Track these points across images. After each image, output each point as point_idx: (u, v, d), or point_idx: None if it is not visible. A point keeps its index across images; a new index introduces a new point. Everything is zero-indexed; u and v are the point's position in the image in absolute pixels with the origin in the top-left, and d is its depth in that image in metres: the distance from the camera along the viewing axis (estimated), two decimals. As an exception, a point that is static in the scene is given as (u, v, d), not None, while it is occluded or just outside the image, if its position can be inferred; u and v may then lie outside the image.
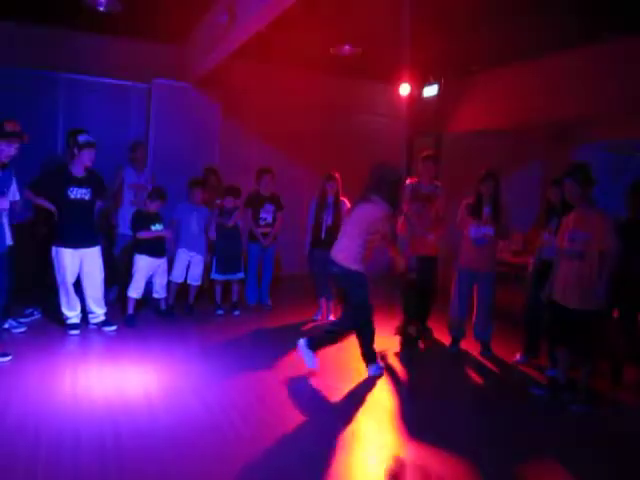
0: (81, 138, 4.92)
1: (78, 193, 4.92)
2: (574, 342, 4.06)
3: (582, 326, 3.97)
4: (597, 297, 3.89)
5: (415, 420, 3.76)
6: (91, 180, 5.03)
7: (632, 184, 4.62)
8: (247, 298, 6.38)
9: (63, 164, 5.10)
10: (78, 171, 4.95)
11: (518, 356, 5.09)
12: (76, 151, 4.92)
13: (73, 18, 6.37)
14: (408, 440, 3.43)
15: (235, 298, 6.17)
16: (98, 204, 5.22)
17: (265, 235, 6.22)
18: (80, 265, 5.03)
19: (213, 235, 5.99)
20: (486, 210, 5.04)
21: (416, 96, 8.35)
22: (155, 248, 5.55)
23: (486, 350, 5.26)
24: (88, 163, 4.96)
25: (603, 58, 5.95)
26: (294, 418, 3.65)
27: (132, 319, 5.47)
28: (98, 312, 5.23)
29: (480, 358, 5.18)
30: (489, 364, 5.06)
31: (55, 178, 4.93)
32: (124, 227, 5.97)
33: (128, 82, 7.21)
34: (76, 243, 4.96)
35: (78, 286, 5.11)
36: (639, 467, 3.34)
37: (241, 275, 6.13)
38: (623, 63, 5.73)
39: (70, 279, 4.98)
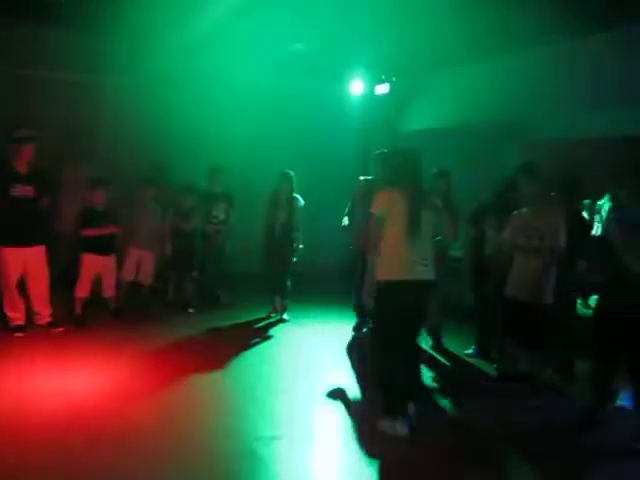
0: (18, 133, 4.78)
1: (22, 190, 4.75)
2: (527, 335, 4.16)
3: (534, 320, 4.07)
4: (547, 292, 4.03)
5: (370, 414, 3.81)
6: (36, 177, 4.87)
7: (561, 182, 4.75)
8: (201, 296, 6.31)
9: (4, 160, 4.90)
10: (21, 167, 4.78)
11: (470, 350, 5.22)
12: (15, 147, 4.77)
13: (18, 8, 6.11)
14: (362, 437, 3.48)
15: (188, 296, 6.09)
16: (44, 201, 5.05)
17: (217, 233, 6.16)
18: (24, 265, 4.86)
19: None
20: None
21: (368, 94, 8.44)
22: (102, 246, 5.40)
23: (437, 344, 5.37)
24: (29, 158, 4.80)
25: (550, 59, 6.15)
26: (249, 419, 3.63)
27: (80, 319, 5.32)
28: (44, 313, 5.08)
29: (432, 352, 5.28)
30: (441, 358, 5.17)
31: None
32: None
33: (76, 76, 6.99)
34: (20, 242, 4.79)
35: (24, 287, 4.94)
36: (584, 454, 3.49)
37: (193, 273, 6.05)
38: (568, 64, 5.94)
39: (14, 279, 4.81)
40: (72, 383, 3.97)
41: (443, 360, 5.12)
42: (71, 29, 6.68)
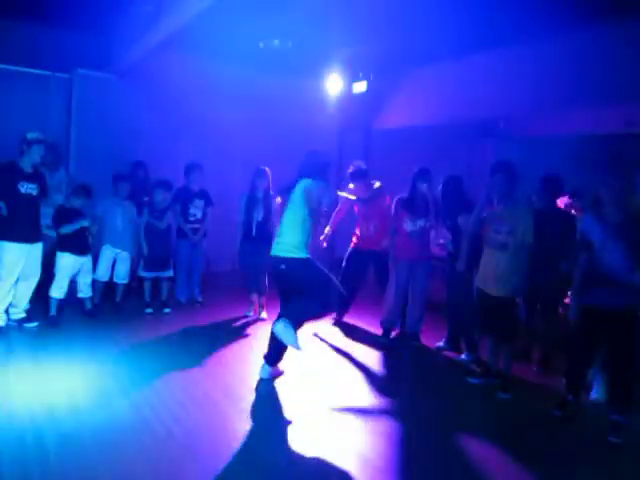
0: (29, 135, 4.95)
1: (27, 188, 4.91)
2: (496, 329, 4.24)
3: (502, 313, 4.15)
4: (515, 286, 4.11)
5: (354, 410, 3.82)
6: (38, 176, 5.05)
7: (543, 178, 4.84)
8: (178, 295, 6.25)
9: (10, 160, 4.95)
10: (27, 167, 4.94)
11: (441, 342, 5.28)
12: (25, 147, 4.92)
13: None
14: (345, 432, 3.48)
15: (164, 296, 6.02)
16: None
17: (195, 231, 6.12)
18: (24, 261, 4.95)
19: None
20: (421, 204, 5.18)
21: (346, 92, 8.45)
22: (78, 245, 5.33)
23: (415, 340, 5.40)
24: (37, 159, 4.98)
25: (526, 57, 6.23)
26: (226, 417, 3.62)
27: (55, 320, 5.23)
28: (20, 308, 5.11)
29: (411, 347, 5.30)
30: (419, 353, 5.21)
31: (4, 173, 4.86)
32: None
33: (47, 72, 6.86)
34: (23, 238, 4.90)
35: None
36: (559, 448, 3.54)
37: (170, 272, 6.00)
38: (545, 62, 6.03)
39: (14, 275, 4.90)
40: (46, 383, 3.89)
41: (422, 356, 5.16)
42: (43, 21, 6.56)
